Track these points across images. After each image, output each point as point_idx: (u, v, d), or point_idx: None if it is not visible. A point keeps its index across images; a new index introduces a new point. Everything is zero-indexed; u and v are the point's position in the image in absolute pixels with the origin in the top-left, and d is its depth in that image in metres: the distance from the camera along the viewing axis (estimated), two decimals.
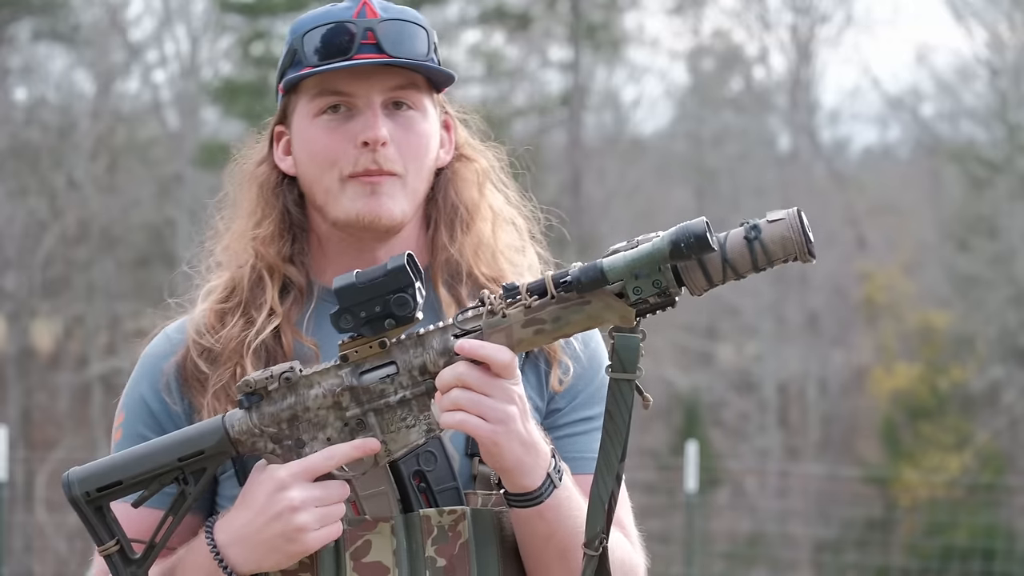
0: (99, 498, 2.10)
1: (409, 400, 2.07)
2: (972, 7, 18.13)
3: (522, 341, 2.05)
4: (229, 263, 2.28)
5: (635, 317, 2.03)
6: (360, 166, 2.20)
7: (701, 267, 2.03)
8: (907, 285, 18.79)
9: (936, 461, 16.66)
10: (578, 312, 2.03)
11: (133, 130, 18.11)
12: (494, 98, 19.25)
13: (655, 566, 2.27)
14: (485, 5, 18.77)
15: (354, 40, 2.21)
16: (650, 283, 2.01)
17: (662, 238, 2.00)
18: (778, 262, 2.05)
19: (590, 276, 2.01)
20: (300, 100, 2.24)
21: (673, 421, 18.41)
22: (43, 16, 17.44)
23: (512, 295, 2.05)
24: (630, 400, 2.05)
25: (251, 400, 2.08)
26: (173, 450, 2.10)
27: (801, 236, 2.04)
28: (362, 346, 2.06)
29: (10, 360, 16.23)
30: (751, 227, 2.04)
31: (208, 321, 2.24)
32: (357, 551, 2.14)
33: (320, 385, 2.07)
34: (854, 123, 28.22)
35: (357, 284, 2.04)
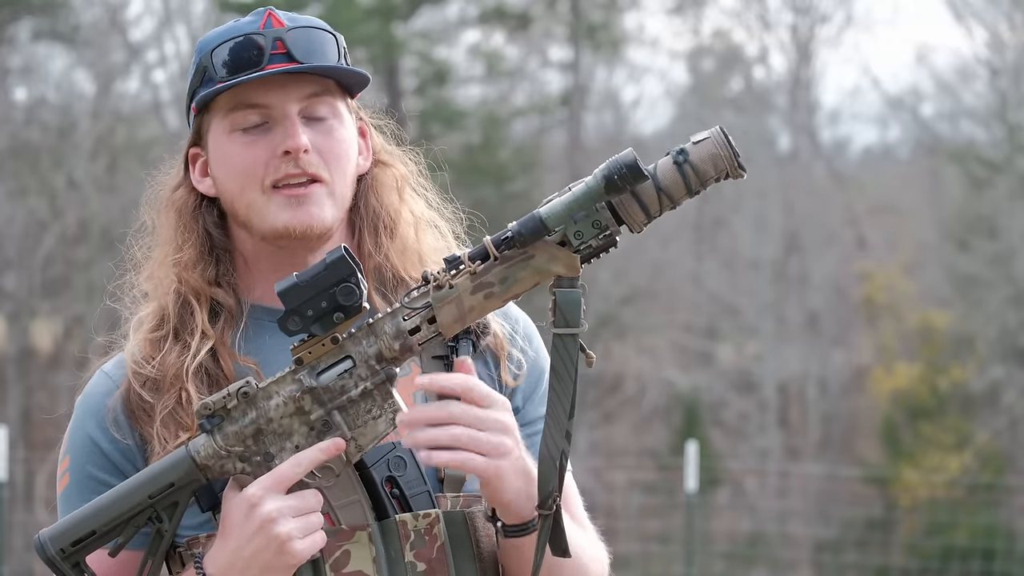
0: (75, 553, 2.06)
1: (371, 391, 2.05)
2: (972, 7, 18.14)
3: (473, 308, 2.03)
4: (155, 292, 2.25)
5: (580, 264, 2.02)
6: (281, 172, 2.18)
7: (637, 199, 2.02)
8: (907, 285, 18.78)
9: (936, 461, 16.65)
10: (524, 268, 2.02)
11: (133, 130, 18.10)
12: (494, 98, 19.26)
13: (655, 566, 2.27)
14: (485, 5, 18.76)
15: (264, 51, 2.19)
16: (589, 224, 2.01)
17: (594, 175, 2.00)
18: (710, 181, 2.02)
19: (530, 227, 2.01)
20: (214, 118, 2.22)
21: (673, 421, 18.41)
22: (43, 16, 17.44)
23: (455, 266, 2.03)
24: (575, 355, 2.04)
25: (212, 423, 2.05)
26: (142, 488, 2.06)
27: (728, 151, 2.00)
28: (314, 346, 2.04)
29: (10, 360, 16.22)
30: (678, 151, 2.02)
31: (144, 351, 2.21)
32: (337, 562, 2.13)
33: (279, 394, 2.05)
34: (854, 123, 28.21)
35: (299, 283, 2.01)
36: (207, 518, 2.14)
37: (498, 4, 18.67)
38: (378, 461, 2.16)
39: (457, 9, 19.05)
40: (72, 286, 16.31)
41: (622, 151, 2.01)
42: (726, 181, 2.04)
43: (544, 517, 2.07)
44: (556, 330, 2.03)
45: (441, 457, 2.05)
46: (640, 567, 14.21)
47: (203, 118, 2.24)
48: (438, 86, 18.49)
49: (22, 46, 17.64)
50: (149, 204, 2.31)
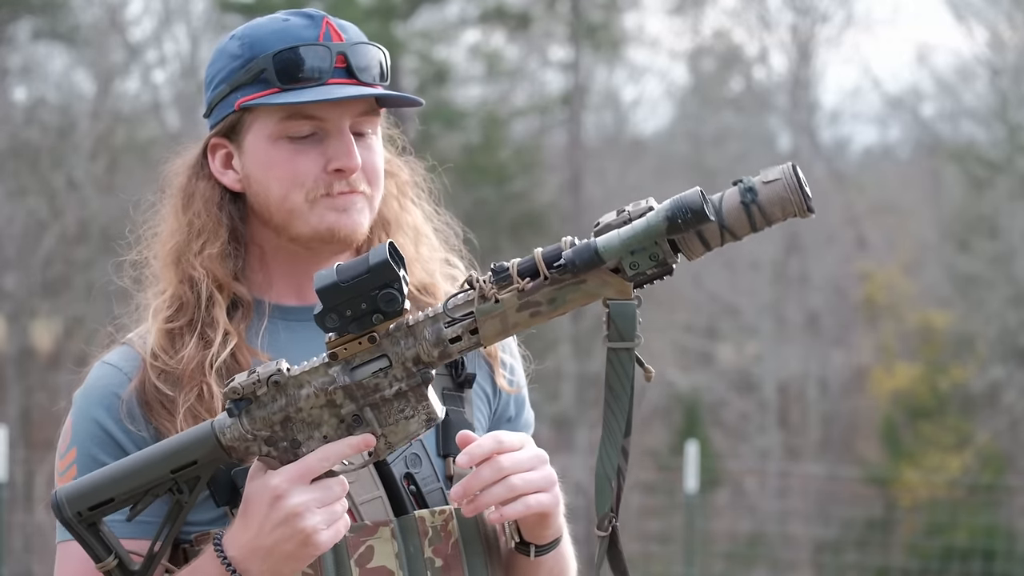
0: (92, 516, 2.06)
1: (405, 392, 2.03)
2: (972, 7, 18.13)
3: (517, 325, 2.00)
4: (170, 280, 2.24)
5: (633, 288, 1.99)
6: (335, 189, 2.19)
7: (699, 236, 1.97)
8: (907, 285, 18.78)
9: (936, 461, 16.65)
10: (574, 291, 1.98)
11: (133, 130, 18.09)
12: (494, 98, 19.25)
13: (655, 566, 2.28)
14: (485, 5, 18.76)
15: (329, 66, 2.19)
16: (647, 256, 1.96)
17: (657, 213, 1.94)
18: (777, 222, 1.97)
19: (585, 259, 1.96)
20: (258, 119, 2.21)
21: (673, 421, 18.40)
22: (43, 16, 17.43)
23: (502, 278, 1.99)
24: (630, 370, 2.00)
25: (240, 407, 2.04)
26: (165, 462, 2.06)
27: (799, 195, 1.96)
28: (351, 342, 2.02)
29: (10, 360, 16.22)
30: (746, 189, 1.96)
31: (159, 342, 2.20)
32: (361, 557, 2.14)
33: (311, 384, 2.03)
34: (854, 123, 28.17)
35: (340, 283, 1.99)
36: (220, 514, 2.15)
37: (498, 4, 18.66)
38: (397, 458, 2.19)
39: (457, 9, 19.05)
40: (72, 286, 16.30)
41: (688, 191, 1.94)
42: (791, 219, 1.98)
43: (601, 539, 2.04)
44: (610, 344, 1.99)
45: (514, 509, 2.08)
46: (640, 567, 14.20)
47: (244, 115, 2.22)
48: (438, 86, 18.49)
49: (22, 46, 17.63)
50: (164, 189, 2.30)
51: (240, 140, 2.23)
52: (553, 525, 2.15)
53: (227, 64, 2.23)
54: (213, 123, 2.25)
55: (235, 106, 2.22)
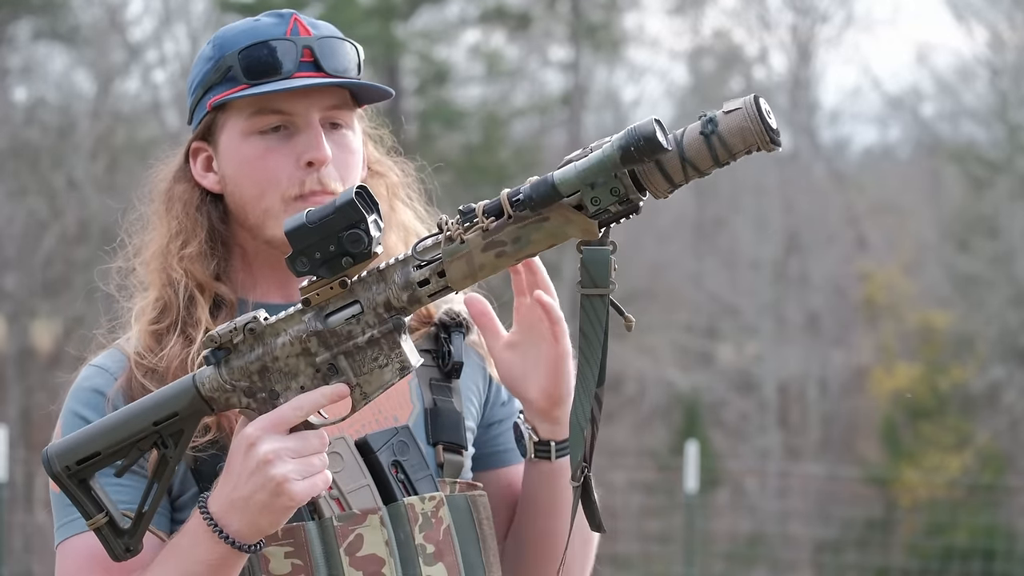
0: (80, 471, 2.06)
1: (378, 339, 2.01)
2: (972, 7, 18.13)
3: (484, 266, 1.97)
4: (155, 283, 2.24)
5: (599, 228, 1.95)
6: (307, 187, 2.19)
7: (660, 169, 1.92)
8: (907, 285, 18.77)
9: (936, 461, 16.65)
10: (537, 230, 1.95)
11: (133, 130, 18.10)
12: (494, 98, 19.25)
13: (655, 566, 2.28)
14: (485, 5, 18.76)
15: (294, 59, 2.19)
16: (607, 191, 1.92)
17: (612, 143, 1.90)
18: (740, 154, 1.91)
19: (541, 192, 1.93)
20: (231, 118, 2.22)
21: (673, 421, 18.40)
22: (43, 16, 17.43)
23: (469, 219, 1.97)
24: (603, 316, 1.98)
25: (218, 356, 2.03)
26: (147, 415, 2.06)
27: (759, 124, 1.89)
28: (323, 288, 2.00)
29: (10, 360, 16.22)
30: (707, 120, 1.91)
31: (145, 342, 2.20)
32: (351, 546, 2.14)
33: (287, 332, 2.02)
34: (854, 123, 28.20)
35: (307, 224, 1.98)
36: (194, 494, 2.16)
37: (498, 4, 18.66)
38: (383, 446, 2.18)
39: (457, 9, 19.05)
40: (72, 286, 16.29)
41: (644, 120, 1.90)
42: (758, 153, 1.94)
43: (576, 489, 2.03)
44: (584, 290, 1.97)
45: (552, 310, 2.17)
46: (640, 567, 14.20)
47: (217, 116, 2.24)
48: (438, 86, 18.49)
49: (22, 46, 17.63)
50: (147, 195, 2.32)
51: (216, 141, 2.24)
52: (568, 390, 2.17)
53: (202, 68, 2.25)
54: (194, 127, 2.27)
55: (207, 106, 2.24)
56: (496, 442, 2.34)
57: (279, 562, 2.12)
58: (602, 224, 1.95)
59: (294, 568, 2.12)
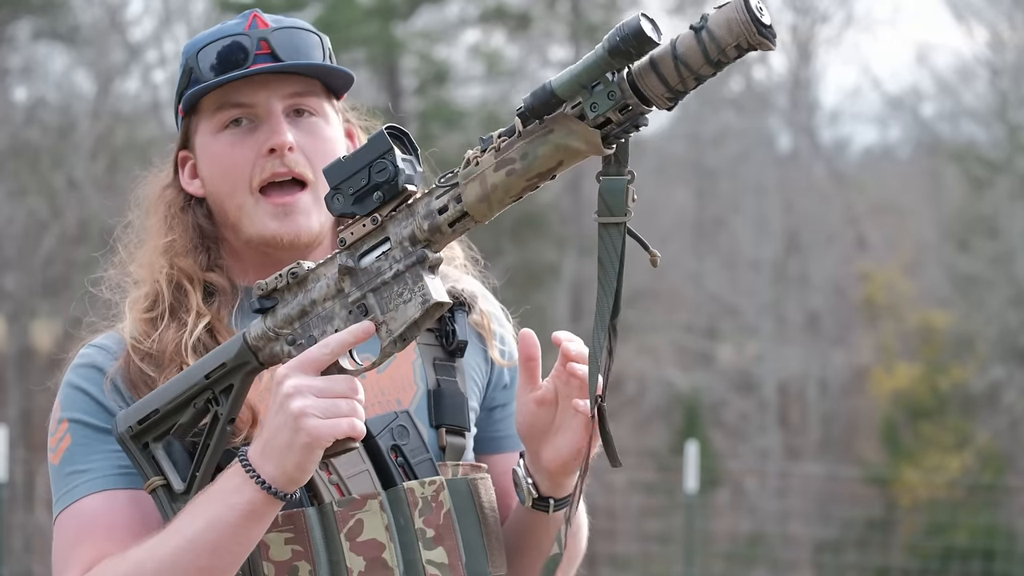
0: (142, 432, 2.08)
1: (403, 273, 2.01)
2: (972, 7, 18.13)
3: (496, 187, 1.97)
4: (146, 277, 2.26)
5: (604, 142, 1.93)
6: (268, 171, 2.19)
7: (653, 69, 1.89)
8: (907, 285, 18.77)
9: (936, 461, 16.64)
10: (543, 143, 1.95)
11: (133, 130, 18.10)
12: (494, 98, 19.25)
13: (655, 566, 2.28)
14: (485, 5, 18.76)
15: (248, 51, 2.21)
16: (605, 95, 1.90)
17: (602, 42, 1.89)
18: (731, 49, 1.86)
19: (540, 97, 1.94)
20: (201, 120, 2.24)
21: (673, 421, 18.40)
22: (43, 16, 17.42)
23: (485, 144, 1.99)
24: (619, 245, 1.98)
25: (264, 304, 2.05)
26: (199, 369, 2.09)
27: (746, 14, 1.84)
28: (356, 225, 2.02)
29: (10, 360, 16.22)
30: (701, 17, 1.88)
31: (140, 329, 2.21)
32: (351, 531, 2.14)
33: (325, 276, 2.04)
34: (854, 123, 28.20)
35: (341, 160, 2.00)
36: None
37: (498, 4, 18.66)
38: (383, 431, 2.18)
39: (457, 9, 19.05)
40: (72, 286, 16.29)
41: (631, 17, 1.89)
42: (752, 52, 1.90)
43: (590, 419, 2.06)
44: (600, 219, 1.97)
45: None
46: (640, 567, 14.20)
47: (191, 120, 2.27)
48: (438, 86, 18.48)
49: (22, 46, 17.63)
50: (137, 203, 2.35)
51: (193, 146, 2.27)
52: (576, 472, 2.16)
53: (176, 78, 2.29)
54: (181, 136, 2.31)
55: (180, 112, 2.27)
56: (497, 427, 2.35)
57: (279, 548, 2.12)
58: (608, 138, 1.94)
59: (294, 554, 2.12)
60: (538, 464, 2.19)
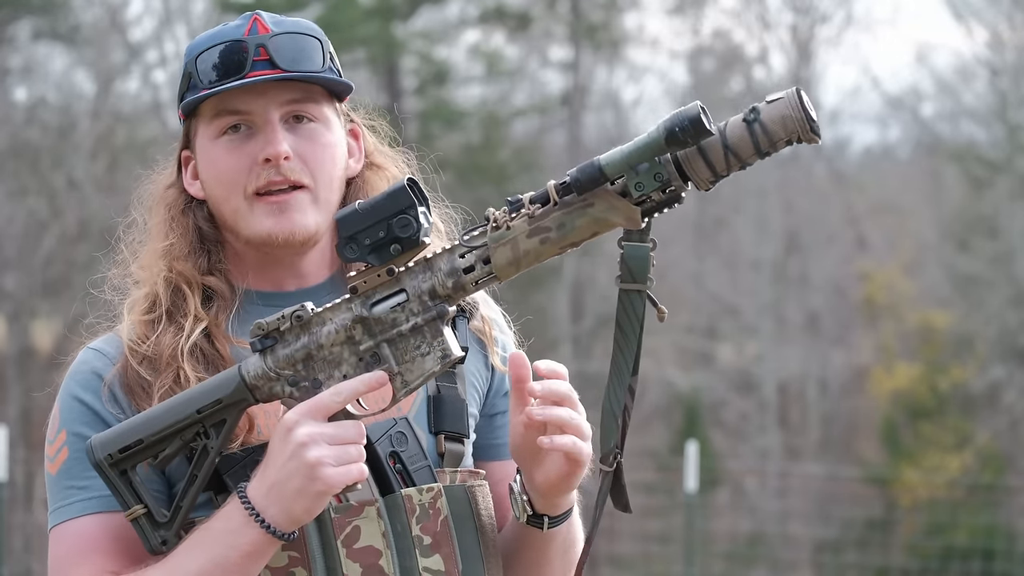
0: (123, 460, 2.07)
1: (421, 327, 2.03)
2: (972, 7, 18.13)
3: (528, 253, 2.01)
4: (145, 280, 2.26)
5: (641, 217, 1.99)
6: (263, 180, 2.19)
7: (702, 155, 1.97)
8: (907, 285, 18.77)
9: (936, 461, 16.65)
10: (582, 215, 1.99)
11: (133, 130, 18.09)
12: (494, 98, 19.25)
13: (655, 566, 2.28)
14: (485, 5, 18.76)
15: (247, 58, 2.20)
16: (651, 177, 1.97)
17: (656, 127, 1.95)
18: (781, 143, 1.95)
19: (588, 173, 1.97)
20: (200, 124, 2.24)
21: (673, 421, 18.40)
22: (43, 16, 17.42)
23: (516, 208, 2.01)
24: (641, 310, 2.05)
25: (264, 344, 2.06)
26: (191, 403, 2.07)
27: (801, 113, 1.94)
28: (370, 276, 2.03)
29: (10, 360, 16.22)
30: (750, 109, 1.96)
31: (138, 331, 2.21)
32: (348, 538, 2.14)
33: (332, 321, 2.05)
34: (854, 123, 28.20)
35: (358, 210, 2.01)
36: (207, 499, 2.15)
37: (498, 4, 18.66)
38: (381, 437, 2.18)
39: (457, 9, 19.05)
40: (72, 286, 16.30)
41: (689, 104, 1.95)
42: (799, 145, 1.98)
43: (606, 474, 2.08)
44: (623, 285, 2.03)
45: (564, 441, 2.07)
46: (640, 567, 14.21)
47: (191, 122, 2.27)
48: (438, 86, 18.48)
49: (22, 46, 17.63)
50: (140, 202, 2.34)
51: (194, 148, 2.27)
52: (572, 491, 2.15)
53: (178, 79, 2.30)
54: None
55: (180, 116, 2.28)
56: (497, 434, 2.34)
57: (276, 555, 2.12)
58: (644, 213, 2.00)
59: (291, 560, 2.12)
60: (531, 483, 2.19)
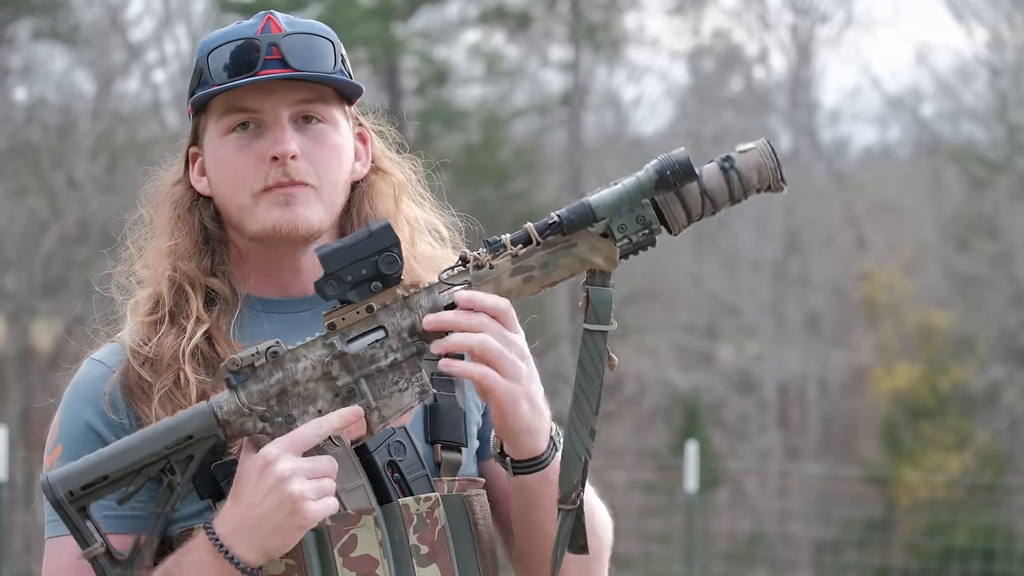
0: (83, 497, 2.04)
1: (400, 363, 2.06)
2: (972, 7, 18.14)
3: (511, 291, 2.06)
4: (150, 279, 2.26)
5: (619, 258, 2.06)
6: (271, 179, 2.20)
7: (680, 200, 2.06)
8: (907, 285, 18.78)
9: (936, 461, 16.65)
10: (565, 255, 2.06)
11: (133, 130, 18.10)
12: (494, 98, 19.25)
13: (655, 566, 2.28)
14: (485, 5, 18.77)
15: (259, 56, 2.20)
16: (634, 219, 2.05)
17: (647, 170, 2.05)
18: (752, 191, 2.08)
19: (578, 213, 2.05)
20: (210, 120, 2.24)
21: (673, 421, 18.41)
22: (43, 16, 17.43)
23: (495, 248, 2.06)
24: (604, 352, 2.07)
25: (238, 379, 2.05)
26: (160, 439, 2.05)
27: (774, 162, 2.07)
28: (348, 312, 2.05)
29: (10, 360, 16.22)
30: (724, 158, 2.08)
31: (142, 333, 2.22)
32: (344, 546, 2.13)
33: (307, 358, 2.06)
34: (854, 123, 28.22)
35: (343, 247, 2.04)
36: (204, 507, 2.14)
37: (498, 4, 18.67)
38: (379, 446, 2.18)
39: (457, 9, 19.06)
40: (72, 286, 16.31)
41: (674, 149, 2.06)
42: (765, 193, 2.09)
43: (566, 512, 2.09)
44: (587, 326, 2.06)
45: (462, 368, 2.06)
46: (640, 567, 14.20)
47: (200, 119, 2.27)
48: (438, 86, 18.49)
49: (22, 46, 17.63)
50: (147, 198, 2.34)
51: (202, 144, 2.27)
52: (514, 427, 2.11)
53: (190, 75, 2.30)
54: None
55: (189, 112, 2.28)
56: None
57: (273, 563, 2.11)
58: (622, 255, 2.07)
59: (288, 568, 2.12)
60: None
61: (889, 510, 15.90)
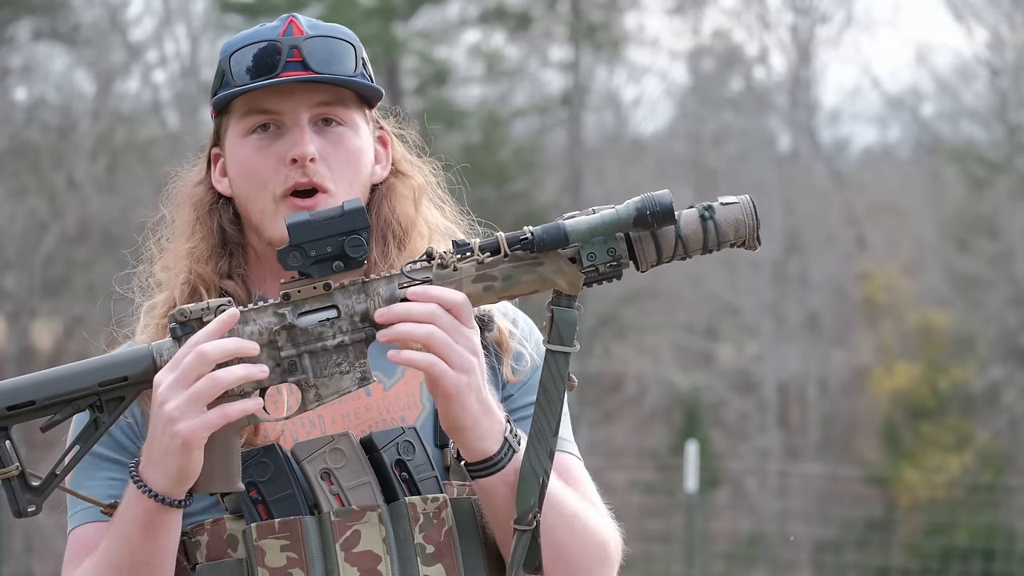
0: (8, 417, 2.04)
1: (347, 345, 2.06)
2: (972, 7, 18.14)
3: (469, 295, 2.05)
4: (168, 282, 2.27)
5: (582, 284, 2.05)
6: (290, 181, 2.20)
7: (654, 240, 2.06)
8: (907, 285, 18.78)
9: (936, 461, 16.66)
10: (530, 272, 2.06)
11: (133, 130, 18.10)
12: (494, 98, 19.26)
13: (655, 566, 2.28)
14: (485, 5, 18.77)
15: (280, 58, 2.21)
16: (604, 250, 2.05)
17: (627, 205, 2.03)
18: (726, 245, 2.06)
19: (552, 235, 2.05)
20: (231, 121, 2.25)
21: (673, 421, 18.41)
22: (43, 16, 17.43)
23: (463, 251, 2.06)
24: (566, 373, 2.07)
25: (184, 330, 2.05)
26: (95, 374, 2.05)
27: (753, 220, 2.06)
28: (305, 286, 2.05)
29: (10, 360, 16.22)
30: (706, 207, 2.06)
31: (156, 334, 2.23)
32: (347, 541, 2.14)
33: (256, 322, 2.06)
34: (854, 123, 28.22)
35: (312, 221, 2.04)
36: (212, 502, 2.16)
37: (498, 4, 18.68)
38: (388, 444, 2.18)
39: (457, 9, 19.07)
40: (72, 286, 16.31)
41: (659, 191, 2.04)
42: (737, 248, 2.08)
43: (522, 532, 2.09)
44: (551, 346, 2.07)
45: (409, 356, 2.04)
46: (640, 567, 14.20)
47: (222, 120, 2.28)
48: (438, 86, 18.50)
49: (22, 46, 17.63)
50: (169, 198, 2.35)
51: (223, 145, 2.28)
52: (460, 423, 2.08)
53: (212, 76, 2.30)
54: None
55: (211, 113, 2.29)
56: None
57: (275, 555, 2.13)
58: (587, 282, 2.07)
59: (289, 561, 2.13)
60: None
61: (889, 510, 15.90)
